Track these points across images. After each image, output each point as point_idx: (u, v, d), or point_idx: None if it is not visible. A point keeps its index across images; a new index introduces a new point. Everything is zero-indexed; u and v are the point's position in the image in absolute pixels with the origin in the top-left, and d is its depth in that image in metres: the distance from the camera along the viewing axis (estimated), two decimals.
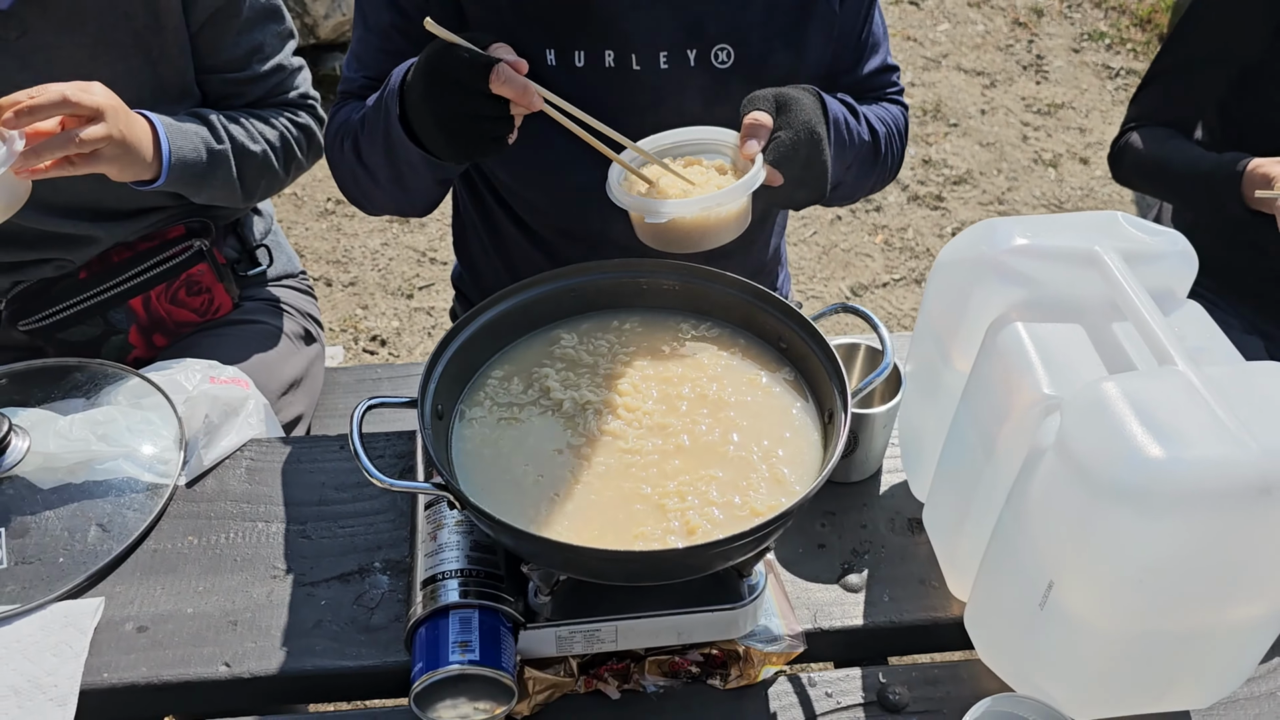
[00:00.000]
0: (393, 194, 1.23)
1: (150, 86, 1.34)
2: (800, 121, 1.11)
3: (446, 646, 0.91)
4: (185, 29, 1.33)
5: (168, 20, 1.31)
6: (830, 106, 1.20)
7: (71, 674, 0.99)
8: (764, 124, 1.10)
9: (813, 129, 1.11)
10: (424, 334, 2.79)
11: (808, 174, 1.13)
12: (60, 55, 1.27)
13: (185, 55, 1.35)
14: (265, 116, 1.43)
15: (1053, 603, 0.84)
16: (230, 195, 1.41)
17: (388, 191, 1.23)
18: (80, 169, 1.18)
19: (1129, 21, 4.03)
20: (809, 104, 1.14)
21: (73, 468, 1.14)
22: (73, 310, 1.44)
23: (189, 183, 1.34)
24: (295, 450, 1.22)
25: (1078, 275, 0.94)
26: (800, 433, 1.01)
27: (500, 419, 1.01)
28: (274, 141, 1.42)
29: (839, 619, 1.06)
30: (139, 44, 1.30)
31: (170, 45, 1.33)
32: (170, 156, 1.29)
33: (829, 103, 1.20)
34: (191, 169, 1.33)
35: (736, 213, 1.10)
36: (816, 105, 1.16)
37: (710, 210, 1.07)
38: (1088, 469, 0.78)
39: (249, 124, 1.41)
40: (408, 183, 1.20)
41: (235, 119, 1.40)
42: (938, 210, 3.21)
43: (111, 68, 1.30)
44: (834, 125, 1.19)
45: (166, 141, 1.29)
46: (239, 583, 1.08)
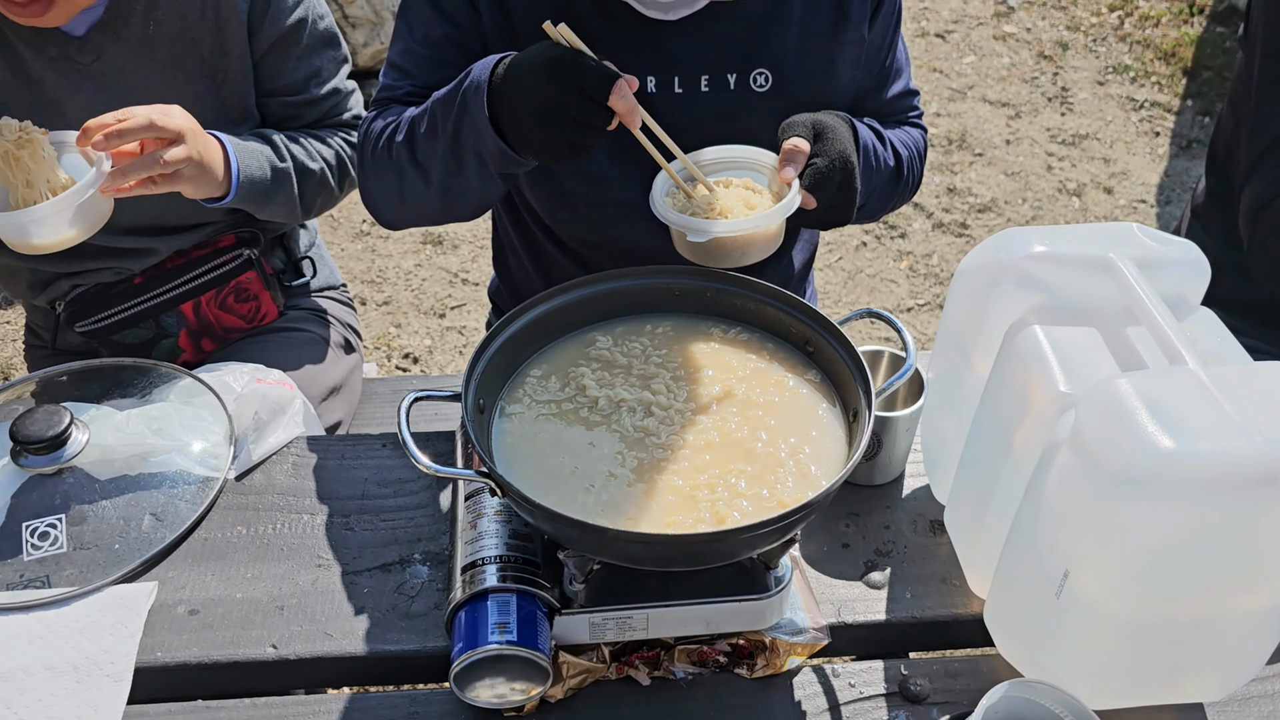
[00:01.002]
0: (437, 198, 1.26)
1: (215, 109, 1.41)
2: (835, 150, 1.18)
3: (486, 628, 0.95)
4: (249, 56, 1.41)
5: (233, 47, 1.39)
6: (860, 133, 1.26)
7: (127, 652, 1.04)
8: (802, 150, 1.16)
9: (847, 157, 1.17)
10: (455, 352, 2.84)
11: (839, 198, 1.19)
12: (132, 79, 1.35)
13: (248, 80, 1.43)
14: (322, 136, 1.51)
15: (1068, 591, 0.88)
16: (290, 211, 1.48)
17: (434, 194, 1.25)
18: (160, 188, 1.26)
19: (1153, 55, 4.07)
20: (843, 132, 1.20)
21: (129, 460, 1.20)
22: (127, 313, 1.50)
23: (254, 200, 1.41)
24: (339, 448, 1.27)
25: (1093, 281, 0.98)
26: (826, 431, 1.05)
27: (538, 415, 1.06)
28: (330, 160, 1.49)
29: (862, 614, 1.09)
30: (205, 69, 1.37)
31: (234, 71, 1.41)
32: (239, 175, 1.37)
33: (859, 129, 1.27)
34: (257, 186, 1.40)
35: (771, 233, 1.17)
36: (849, 133, 1.22)
37: (748, 229, 1.13)
38: (1101, 459, 0.82)
39: (308, 144, 1.48)
40: (462, 184, 1.22)
41: (295, 139, 1.48)
42: (962, 237, 3.24)
43: (179, 91, 1.38)
44: (863, 151, 1.25)
45: (236, 161, 1.36)
46: (285, 570, 1.13)
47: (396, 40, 1.34)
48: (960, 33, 4.22)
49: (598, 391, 1.07)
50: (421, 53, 1.31)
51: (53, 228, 1.23)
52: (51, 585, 1.09)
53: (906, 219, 3.30)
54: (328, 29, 1.48)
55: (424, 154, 1.23)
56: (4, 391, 1.31)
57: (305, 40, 1.45)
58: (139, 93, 1.35)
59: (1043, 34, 4.23)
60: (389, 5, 3.63)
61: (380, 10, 3.61)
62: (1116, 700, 0.95)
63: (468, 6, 1.27)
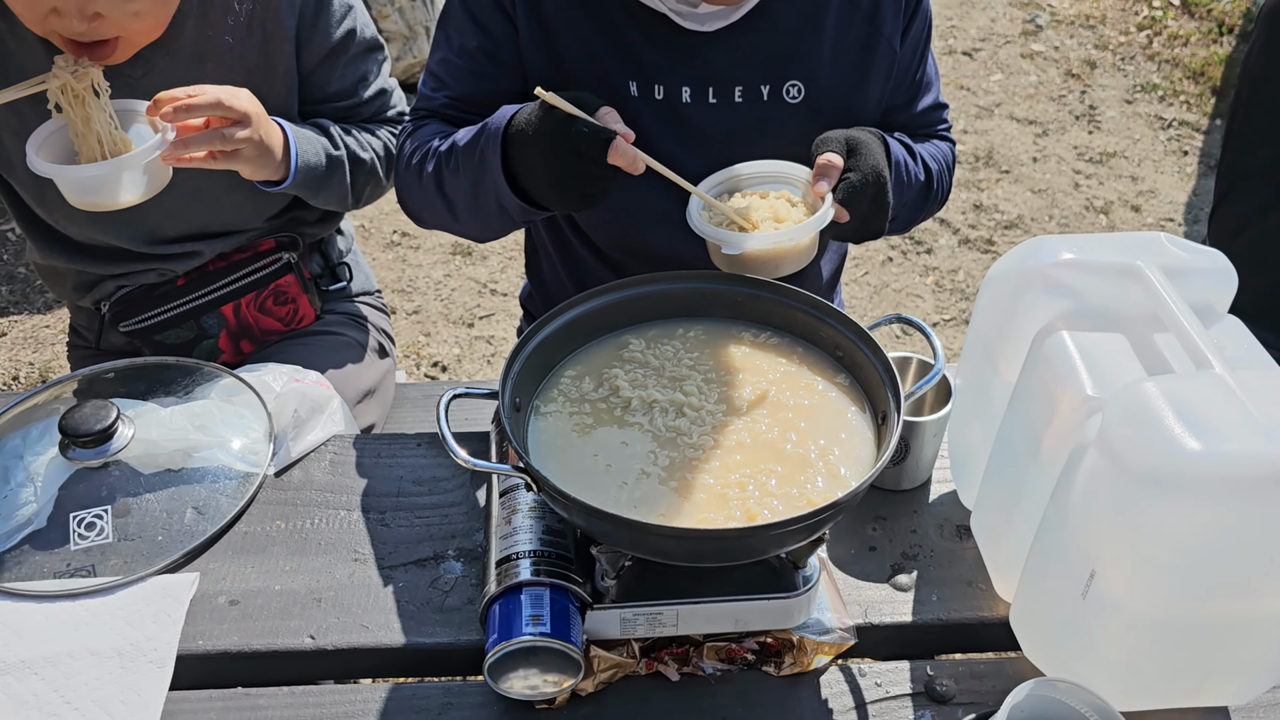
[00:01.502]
0: (467, 225, 1.33)
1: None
2: (869, 165, 1.20)
3: (520, 620, 0.97)
4: (294, 71, 1.46)
5: (278, 63, 1.43)
6: (892, 149, 1.29)
7: (169, 640, 1.07)
8: (836, 165, 1.19)
9: (880, 172, 1.20)
10: (483, 361, 2.88)
11: (872, 212, 1.22)
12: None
13: (292, 93, 1.48)
14: (372, 130, 1.55)
15: (1094, 592, 0.89)
16: (342, 199, 1.52)
17: (462, 222, 1.32)
18: (220, 164, 1.31)
19: (1182, 74, 4.07)
20: (876, 148, 1.23)
21: (172, 455, 1.23)
22: (170, 314, 1.54)
23: (309, 185, 1.46)
24: (375, 446, 1.30)
25: (1121, 288, 0.99)
26: (855, 433, 1.06)
27: (572, 413, 1.08)
28: (379, 151, 1.54)
29: (888, 615, 1.11)
30: (251, 83, 1.41)
31: (279, 84, 1.45)
32: (297, 160, 1.42)
33: (891, 145, 1.29)
34: (313, 173, 1.45)
35: (805, 246, 1.20)
36: (882, 148, 1.25)
37: (781, 243, 1.16)
38: (1127, 460, 0.83)
39: (359, 136, 1.53)
40: (491, 221, 1.30)
41: (348, 130, 1.53)
42: (988, 254, 3.25)
43: None
44: (894, 166, 1.28)
45: (295, 147, 1.41)
46: (323, 564, 1.16)
47: (435, 49, 1.38)
48: (988, 51, 4.24)
49: (631, 392, 1.10)
50: (457, 63, 1.35)
51: (111, 187, 1.28)
52: (97, 574, 1.13)
53: (933, 234, 3.32)
54: (373, 35, 1.53)
55: (450, 189, 1.28)
56: (51, 388, 1.35)
57: (353, 49, 1.50)
58: None
59: (1071, 53, 4.24)
60: (422, 20, 3.69)
61: (414, 25, 3.67)
62: (1141, 702, 0.96)
63: (504, 20, 1.30)
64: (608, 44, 1.28)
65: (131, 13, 1.24)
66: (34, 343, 2.92)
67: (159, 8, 1.27)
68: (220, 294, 1.55)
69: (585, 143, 1.10)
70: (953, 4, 4.56)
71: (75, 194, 1.30)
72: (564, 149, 1.11)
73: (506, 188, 1.19)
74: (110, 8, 1.22)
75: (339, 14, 1.46)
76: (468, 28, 1.32)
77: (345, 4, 1.47)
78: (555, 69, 1.31)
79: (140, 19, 1.26)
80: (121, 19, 1.24)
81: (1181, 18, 4.39)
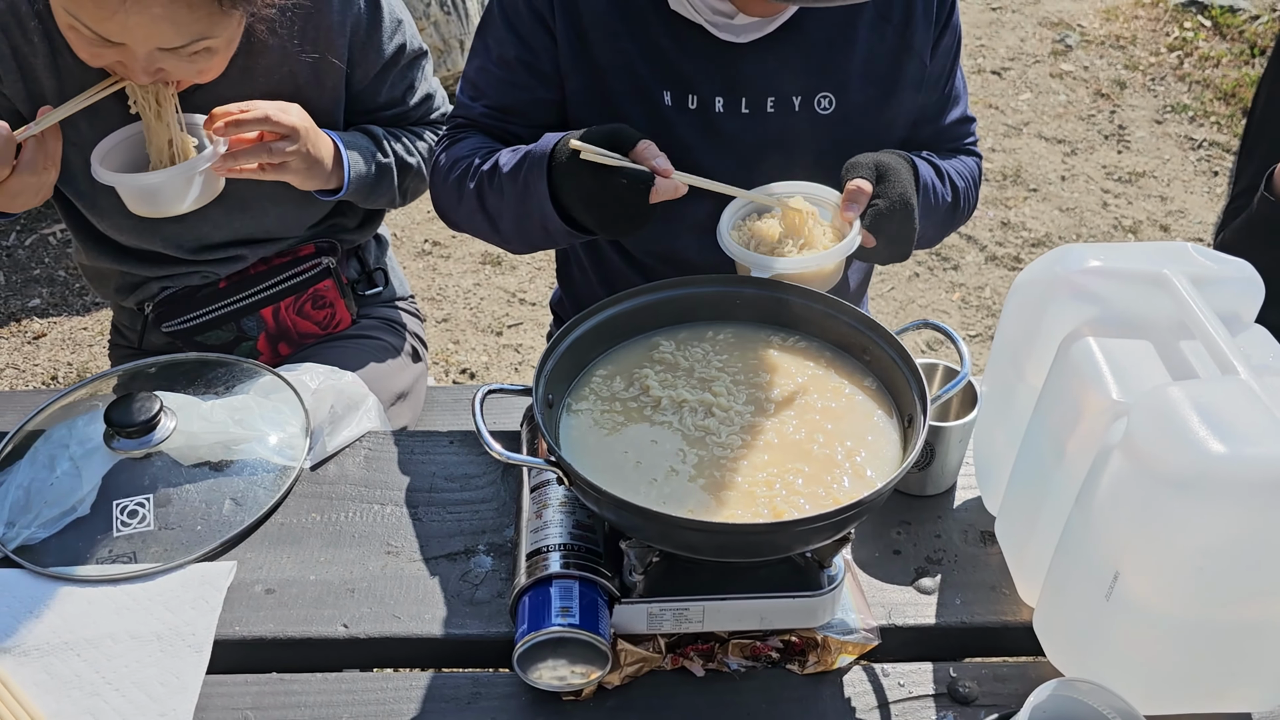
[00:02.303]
0: (509, 240, 1.36)
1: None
2: (896, 192, 1.23)
3: (549, 611, 0.99)
4: (343, 87, 1.51)
5: (327, 79, 1.48)
6: (921, 172, 1.32)
7: (207, 625, 1.10)
8: (865, 191, 1.23)
9: (907, 199, 1.23)
10: (511, 369, 2.91)
11: (899, 238, 1.25)
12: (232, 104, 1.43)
13: (338, 107, 1.52)
14: (418, 133, 1.61)
15: (1118, 593, 0.90)
16: (390, 200, 1.59)
17: (504, 236, 1.36)
18: (269, 176, 1.38)
19: (1213, 95, 4.07)
20: (905, 174, 1.26)
21: (212, 447, 1.26)
22: (211, 316, 1.58)
23: (360, 192, 1.52)
24: (409, 443, 1.32)
25: (1147, 295, 1.01)
26: (882, 436, 1.08)
27: (603, 411, 1.10)
28: (424, 154, 1.59)
29: (912, 617, 1.12)
30: (299, 97, 1.46)
31: (326, 100, 1.50)
32: (349, 171, 1.48)
33: (920, 168, 1.32)
34: (364, 181, 1.51)
35: (829, 271, 1.24)
36: (910, 174, 1.28)
37: (808, 268, 1.20)
38: (1152, 462, 0.84)
39: (406, 140, 1.59)
40: (534, 240, 1.34)
41: (396, 136, 1.58)
42: (1015, 271, 3.25)
43: None
44: (923, 190, 1.31)
45: (347, 159, 1.47)
46: (356, 556, 1.18)
47: (474, 56, 1.41)
48: (1017, 70, 4.25)
49: (660, 392, 1.12)
50: (495, 72, 1.38)
51: (168, 195, 1.35)
52: (138, 561, 1.16)
53: (959, 251, 3.32)
54: (419, 44, 1.57)
55: (493, 208, 1.32)
56: (95, 382, 1.38)
57: (403, 62, 1.54)
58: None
59: (1100, 72, 4.24)
60: (456, 34, 3.75)
61: (449, 39, 3.73)
62: (1163, 706, 0.97)
63: (543, 32, 1.33)
64: (643, 54, 1.31)
65: (194, 70, 1.30)
66: (72, 344, 2.98)
67: (215, 63, 1.32)
68: (260, 297, 1.59)
69: (626, 191, 1.14)
70: (982, 23, 4.57)
71: (134, 202, 1.38)
72: (606, 199, 1.16)
73: (554, 215, 1.24)
74: (175, 65, 1.27)
75: (389, 29, 1.50)
76: (506, 38, 1.35)
77: (395, 19, 1.51)
78: (591, 78, 1.34)
79: (199, 74, 1.32)
80: (181, 74, 1.30)
81: (1213, 39, 4.38)
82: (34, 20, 1.33)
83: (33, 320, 3.04)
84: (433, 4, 3.68)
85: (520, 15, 1.33)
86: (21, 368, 2.91)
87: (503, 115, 1.39)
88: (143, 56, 1.24)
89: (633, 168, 1.15)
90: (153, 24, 1.19)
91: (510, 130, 1.39)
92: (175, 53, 1.24)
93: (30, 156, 1.29)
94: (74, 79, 1.37)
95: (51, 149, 1.32)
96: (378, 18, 1.48)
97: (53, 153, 1.32)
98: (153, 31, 1.20)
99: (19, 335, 3.00)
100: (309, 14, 1.42)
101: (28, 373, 2.89)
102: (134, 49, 1.22)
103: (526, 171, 1.25)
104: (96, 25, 1.19)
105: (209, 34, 1.24)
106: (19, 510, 1.20)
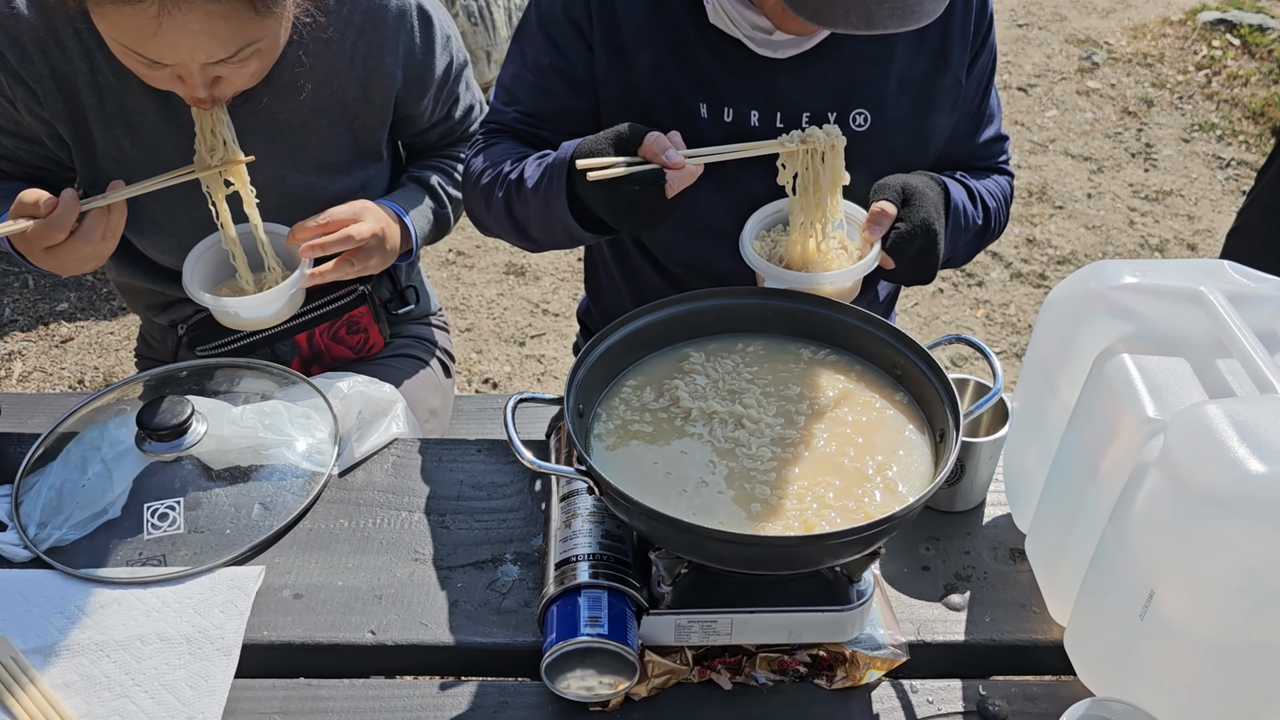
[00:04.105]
0: (538, 242, 1.37)
1: (350, 150, 1.51)
2: (919, 217, 1.24)
3: (578, 621, 0.99)
4: (390, 107, 1.52)
5: (375, 96, 1.48)
6: (953, 195, 1.32)
7: (236, 629, 1.10)
8: (888, 214, 1.24)
9: (930, 224, 1.23)
10: (534, 379, 2.91)
11: (919, 263, 1.26)
12: (278, 119, 1.44)
13: (384, 127, 1.54)
14: (461, 155, 1.63)
15: (1153, 612, 0.89)
16: (444, 236, 1.66)
17: (533, 240, 1.37)
18: (351, 276, 1.45)
19: (1241, 114, 4.05)
20: (932, 199, 1.27)
21: (242, 452, 1.27)
22: (246, 341, 1.58)
23: (424, 244, 1.59)
24: (436, 450, 1.33)
25: (1183, 312, 1.00)
26: (913, 450, 1.07)
27: (633, 422, 1.10)
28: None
29: (941, 634, 1.11)
30: (346, 114, 1.47)
31: (372, 117, 1.51)
32: (417, 241, 1.55)
33: (951, 190, 1.32)
34: (428, 239, 1.59)
35: (846, 289, 1.27)
36: (939, 197, 1.29)
37: (821, 286, 1.22)
38: (1190, 480, 0.83)
39: (455, 174, 1.63)
40: (560, 242, 1.35)
41: (450, 174, 1.62)
42: (1040, 288, 3.24)
43: (320, 133, 1.47)
44: (954, 212, 1.32)
45: (414, 231, 1.54)
46: (384, 562, 1.18)
47: (509, 62, 1.41)
48: (1043, 87, 4.24)
49: (691, 403, 1.12)
50: (530, 79, 1.38)
51: (257, 312, 1.41)
52: (168, 564, 1.16)
53: (984, 268, 3.31)
54: (464, 56, 1.58)
55: (520, 215, 1.34)
56: (126, 385, 1.39)
57: (452, 75, 1.56)
58: (283, 131, 1.44)
59: (1127, 90, 4.22)
60: (483, 45, 3.77)
61: (475, 50, 3.75)
62: None
63: (579, 41, 1.34)
64: (680, 66, 1.31)
65: (248, 74, 1.31)
66: (99, 348, 3.00)
67: (268, 60, 1.33)
68: (296, 323, 1.58)
69: (641, 195, 1.14)
70: (1009, 39, 4.57)
71: (223, 318, 1.43)
72: (624, 205, 1.16)
73: (577, 226, 1.26)
74: (230, 72, 1.28)
75: (440, 47, 1.51)
76: (543, 45, 1.36)
77: (445, 35, 1.52)
78: (628, 89, 1.34)
79: (254, 77, 1.33)
80: (238, 81, 1.31)
81: (1241, 58, 4.36)
82: (74, 39, 1.35)
83: (60, 324, 3.07)
84: (459, 15, 3.70)
85: (559, 23, 1.34)
86: (49, 370, 2.93)
87: (535, 121, 1.40)
88: (196, 72, 1.25)
89: (641, 170, 1.14)
90: (194, 40, 1.20)
91: (542, 136, 1.39)
92: (226, 62, 1.26)
93: (90, 227, 1.29)
94: (115, 98, 1.39)
95: (114, 223, 1.32)
96: (430, 37, 1.49)
97: (115, 226, 1.32)
98: (196, 47, 1.21)
99: (47, 339, 3.03)
100: (360, 29, 1.43)
101: (55, 376, 2.92)
102: (186, 65, 1.24)
103: (547, 185, 1.26)
104: (141, 49, 1.21)
105: (253, 39, 1.25)
106: (51, 511, 1.21)
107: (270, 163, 1.44)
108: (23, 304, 3.13)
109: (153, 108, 1.40)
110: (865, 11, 1.05)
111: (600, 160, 1.14)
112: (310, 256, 1.39)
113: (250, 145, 1.39)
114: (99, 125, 1.40)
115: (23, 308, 3.12)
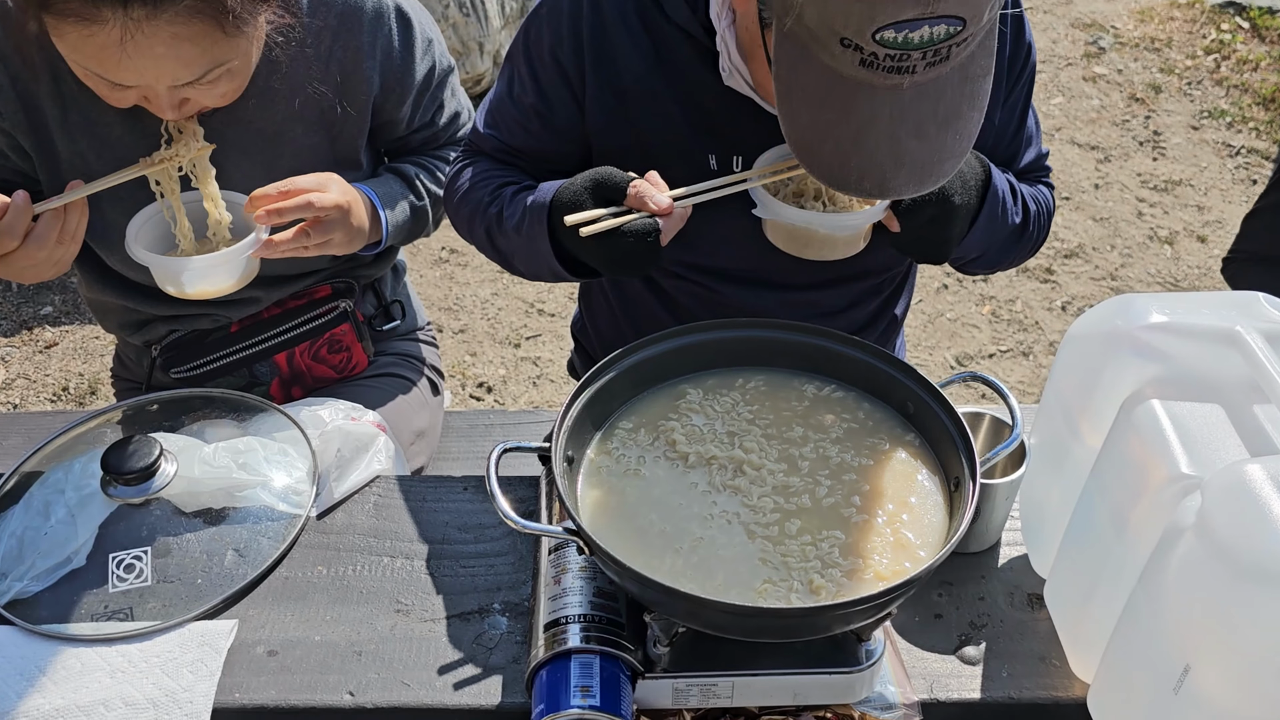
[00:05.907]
0: (523, 274, 1.32)
1: (327, 159, 1.43)
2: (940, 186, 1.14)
3: (568, 690, 0.93)
4: (368, 114, 1.44)
5: (353, 104, 1.41)
6: (995, 182, 1.24)
7: (205, 692, 1.04)
8: None
9: (947, 196, 1.15)
10: (529, 383, 2.84)
11: (929, 233, 1.18)
12: (252, 128, 1.37)
13: (363, 134, 1.45)
14: (446, 156, 1.55)
15: (1188, 688, 0.83)
16: (424, 235, 1.55)
17: (518, 271, 1.33)
18: (311, 254, 1.33)
19: (1251, 100, 3.96)
20: (965, 171, 1.19)
21: (214, 494, 1.20)
22: (222, 362, 1.51)
23: (397, 239, 1.49)
24: (420, 489, 1.26)
25: (1217, 354, 0.93)
26: (925, 499, 1.01)
27: (626, 470, 1.04)
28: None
29: (955, 691, 1.05)
30: (324, 121, 1.39)
31: (350, 125, 1.43)
32: (388, 226, 1.44)
33: (995, 179, 1.24)
34: (402, 229, 1.48)
35: (843, 237, 1.19)
36: (977, 176, 1.21)
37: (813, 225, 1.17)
38: (1230, 549, 0.77)
39: (437, 171, 1.53)
40: (545, 279, 1.30)
41: (429, 170, 1.52)
42: (1047, 284, 3.16)
43: (297, 141, 1.40)
44: (991, 197, 1.24)
45: (385, 216, 1.43)
46: (364, 614, 1.12)
47: (499, 80, 1.35)
48: (1048, 73, 4.15)
49: (687, 447, 1.05)
50: (511, 111, 1.32)
51: (204, 279, 1.30)
52: (134, 618, 1.10)
53: None
54: (448, 61, 1.50)
55: (504, 248, 1.29)
56: (95, 418, 1.33)
57: (434, 81, 1.47)
58: (259, 138, 1.37)
59: (1134, 76, 4.13)
60: (475, 36, 3.68)
61: (467, 41, 3.66)
62: None
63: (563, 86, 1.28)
64: (689, 119, 1.25)
65: (218, 95, 1.24)
66: (84, 354, 2.93)
67: (240, 79, 1.26)
68: (274, 343, 1.52)
69: (634, 246, 1.11)
70: None
71: (166, 281, 1.32)
72: (624, 258, 1.12)
73: (564, 271, 1.22)
74: (199, 94, 1.22)
75: (421, 51, 1.43)
76: (527, 82, 1.29)
77: (426, 39, 1.44)
78: (631, 138, 1.27)
79: (225, 97, 1.26)
80: (208, 101, 1.24)
81: (1251, 41, 4.27)
82: (36, 48, 1.27)
83: (45, 328, 3.00)
84: (451, 5, 3.61)
85: (544, 63, 1.27)
86: (33, 378, 2.86)
87: (513, 154, 1.34)
88: (163, 94, 1.18)
89: (634, 220, 1.10)
90: (159, 64, 1.13)
91: (520, 167, 1.33)
92: (194, 84, 1.19)
93: (43, 230, 1.21)
94: (79, 109, 1.31)
95: (72, 225, 1.24)
96: (409, 40, 1.41)
97: (72, 228, 1.24)
98: (162, 71, 1.14)
99: (31, 344, 2.96)
100: (335, 33, 1.36)
101: (39, 383, 2.85)
102: (153, 87, 1.17)
103: (529, 228, 1.22)
104: (105, 72, 1.14)
105: (222, 60, 1.18)
106: (11, 561, 1.14)
107: (243, 172, 1.36)
108: (5, 308, 3.06)
109: (118, 118, 1.33)
110: (880, 179, 0.98)
111: (587, 215, 1.10)
112: (267, 224, 1.28)
113: (223, 155, 1.32)
114: (62, 137, 1.33)
115: (5, 312, 3.05)
